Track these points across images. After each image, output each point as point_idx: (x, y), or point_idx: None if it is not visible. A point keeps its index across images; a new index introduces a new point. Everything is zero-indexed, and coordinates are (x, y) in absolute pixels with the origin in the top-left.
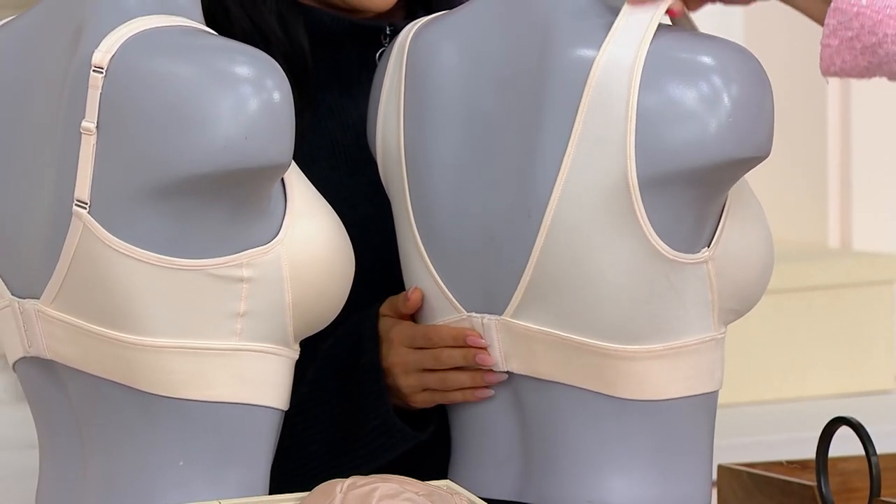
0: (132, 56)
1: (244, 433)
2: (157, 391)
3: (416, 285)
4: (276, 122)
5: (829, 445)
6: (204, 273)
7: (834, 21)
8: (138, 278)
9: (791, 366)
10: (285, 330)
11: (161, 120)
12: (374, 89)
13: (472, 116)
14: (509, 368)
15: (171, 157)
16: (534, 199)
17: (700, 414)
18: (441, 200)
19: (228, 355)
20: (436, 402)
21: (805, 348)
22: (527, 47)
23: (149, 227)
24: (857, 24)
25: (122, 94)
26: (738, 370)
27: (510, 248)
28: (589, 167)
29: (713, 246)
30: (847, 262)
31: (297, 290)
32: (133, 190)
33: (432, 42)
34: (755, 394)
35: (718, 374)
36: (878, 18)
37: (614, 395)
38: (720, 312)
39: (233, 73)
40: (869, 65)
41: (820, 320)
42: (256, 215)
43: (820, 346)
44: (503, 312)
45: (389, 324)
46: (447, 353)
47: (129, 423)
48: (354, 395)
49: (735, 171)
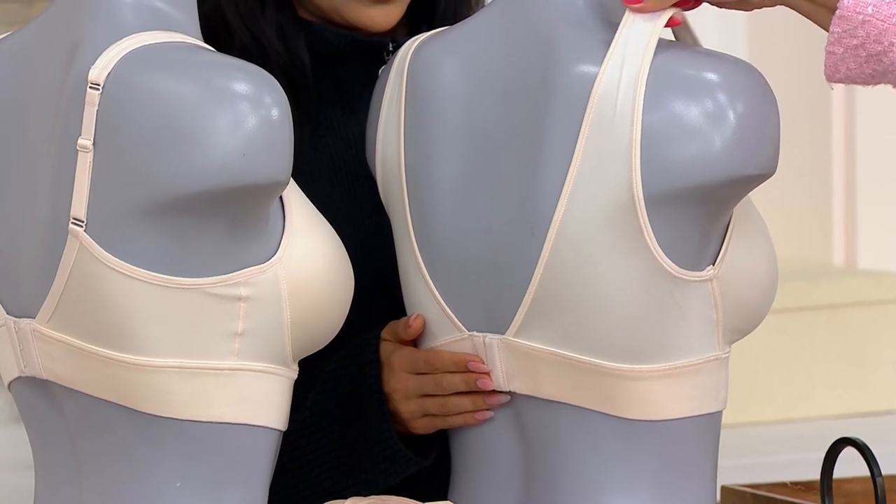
0: (129, 73)
1: (243, 454)
2: (155, 411)
3: (416, 304)
4: (274, 139)
5: (833, 466)
6: (201, 292)
7: (839, 29)
8: (135, 297)
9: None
10: (284, 349)
11: (158, 137)
12: (374, 106)
13: (473, 133)
14: (511, 389)
15: (169, 175)
16: (537, 216)
17: (704, 434)
18: (442, 218)
19: (227, 375)
20: (436, 428)
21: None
22: (529, 63)
23: (146, 245)
24: (862, 33)
25: (119, 111)
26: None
27: (513, 266)
28: (593, 184)
29: (718, 264)
30: (852, 281)
31: (295, 309)
32: (130, 208)
33: (433, 58)
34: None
35: (723, 394)
36: (884, 27)
37: (618, 416)
38: (724, 331)
39: (231, 89)
40: (874, 72)
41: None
42: (254, 233)
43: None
44: (506, 332)
45: (390, 348)
46: (448, 378)
47: (126, 443)
48: (357, 421)
49: (740, 188)
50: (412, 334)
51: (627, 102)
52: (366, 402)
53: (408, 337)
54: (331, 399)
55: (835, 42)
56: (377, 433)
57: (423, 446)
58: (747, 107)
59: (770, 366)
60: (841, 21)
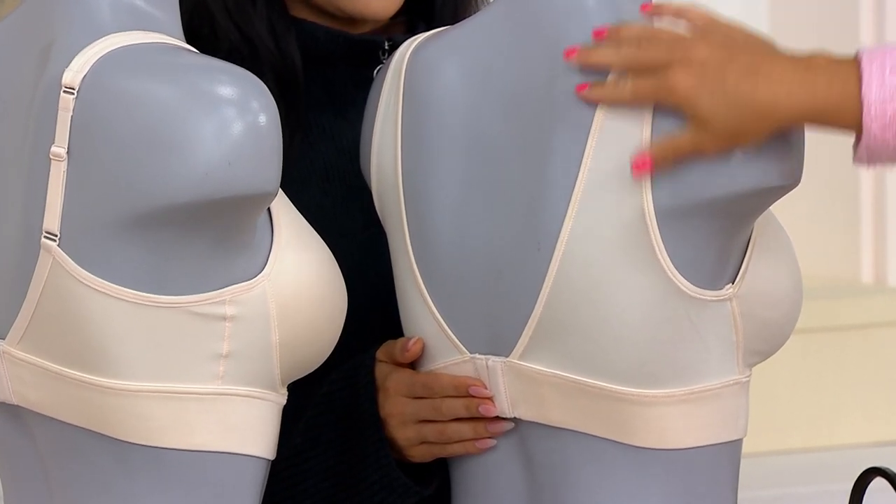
0: (106, 76)
1: (227, 484)
2: (133, 439)
3: (414, 323)
4: (261, 147)
5: (862, 498)
6: (184, 311)
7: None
8: (112, 316)
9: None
10: (272, 372)
11: (137, 145)
12: (369, 111)
13: (476, 141)
14: (516, 415)
15: (149, 186)
16: (544, 230)
17: (722, 464)
18: (442, 232)
19: (210, 400)
20: (434, 456)
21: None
22: (535, 66)
23: (124, 260)
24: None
25: (95, 116)
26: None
27: (518, 283)
28: (603, 197)
29: (738, 282)
30: (881, 299)
31: (284, 329)
32: (107, 221)
33: (433, 60)
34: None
35: (742, 421)
36: None
37: (630, 444)
38: (745, 354)
39: (215, 94)
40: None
41: (852, 362)
42: (240, 248)
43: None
44: (510, 354)
45: (386, 371)
46: (448, 403)
47: (103, 473)
48: (352, 447)
49: (761, 201)
50: (410, 358)
51: (636, 110)
52: (361, 428)
53: (405, 360)
54: (324, 424)
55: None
56: (374, 460)
57: (423, 475)
58: None
59: (794, 390)
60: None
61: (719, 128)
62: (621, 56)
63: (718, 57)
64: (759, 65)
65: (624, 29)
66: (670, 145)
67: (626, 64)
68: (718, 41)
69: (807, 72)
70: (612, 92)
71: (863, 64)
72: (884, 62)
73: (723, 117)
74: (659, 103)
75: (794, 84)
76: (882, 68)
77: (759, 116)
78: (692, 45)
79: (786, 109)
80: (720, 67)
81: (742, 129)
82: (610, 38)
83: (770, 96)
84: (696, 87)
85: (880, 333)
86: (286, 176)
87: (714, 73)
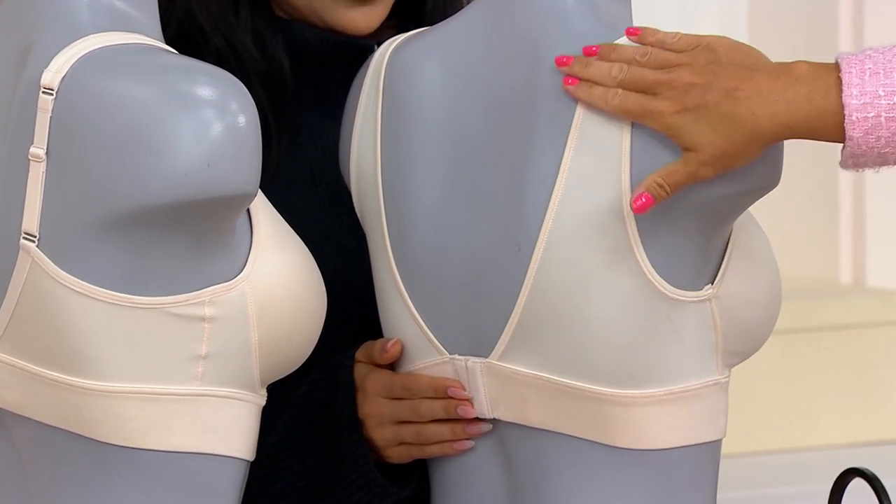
0: (85, 76)
1: (207, 486)
2: (112, 440)
3: (394, 324)
4: (241, 148)
5: (841, 499)
6: (163, 312)
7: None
8: (91, 318)
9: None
10: (251, 373)
11: (116, 146)
12: (348, 111)
13: (455, 141)
14: (496, 416)
15: (128, 187)
16: (523, 231)
17: (702, 465)
18: (422, 233)
19: (189, 401)
20: (412, 458)
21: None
22: (515, 66)
23: (103, 262)
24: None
25: (74, 117)
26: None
27: (498, 284)
28: (582, 197)
29: (717, 283)
30: (860, 300)
31: (263, 330)
32: (86, 222)
33: (412, 60)
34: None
35: (722, 422)
36: None
37: (609, 444)
38: (724, 355)
39: (194, 94)
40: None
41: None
42: (220, 249)
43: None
44: (489, 355)
45: (364, 371)
46: (426, 404)
47: (82, 475)
48: (331, 447)
49: (740, 202)
50: (388, 360)
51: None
52: (340, 428)
53: (383, 362)
54: (303, 424)
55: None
56: (352, 461)
57: (402, 475)
58: None
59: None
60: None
61: (709, 153)
62: (611, 76)
63: (701, 82)
64: (739, 86)
65: (616, 51)
66: (665, 179)
67: (616, 84)
68: (701, 64)
69: (786, 88)
70: (599, 97)
71: (842, 70)
72: (863, 67)
73: (710, 143)
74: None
75: (774, 99)
76: (862, 73)
77: (745, 137)
78: (678, 70)
79: (769, 127)
80: (702, 93)
81: (731, 152)
82: (602, 56)
83: (752, 117)
84: (680, 115)
85: (859, 334)
86: (273, 178)
87: (697, 98)
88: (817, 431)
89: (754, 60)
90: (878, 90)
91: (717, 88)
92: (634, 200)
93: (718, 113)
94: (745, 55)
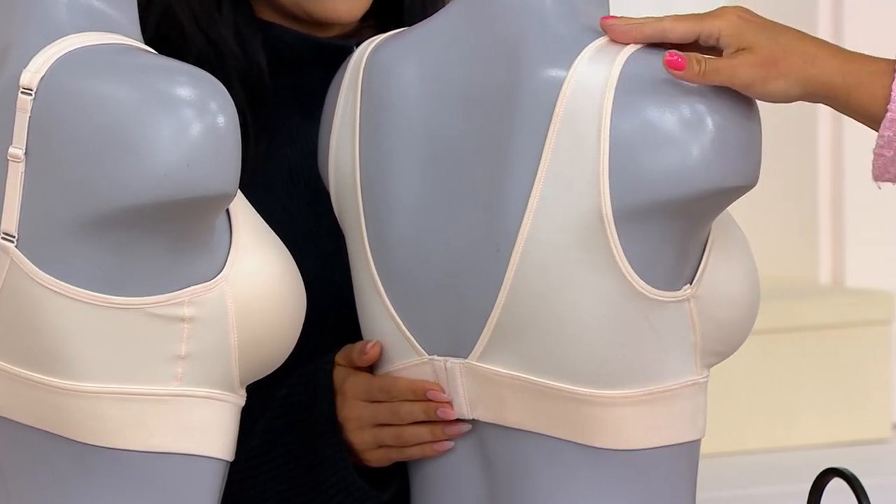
0: (64, 77)
1: (186, 486)
2: (91, 441)
3: (372, 325)
4: (220, 148)
5: (820, 499)
6: (142, 312)
7: (890, 132)
8: (70, 318)
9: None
10: (230, 374)
11: (95, 146)
12: (326, 112)
13: (434, 141)
14: (475, 416)
15: (107, 187)
16: (502, 231)
17: (681, 465)
18: (401, 233)
19: (169, 401)
20: (391, 460)
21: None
22: (493, 67)
23: (82, 262)
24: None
25: (53, 117)
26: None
27: (476, 285)
28: (560, 197)
29: (696, 283)
30: (839, 300)
31: (243, 331)
32: (65, 222)
33: (391, 61)
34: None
35: (701, 422)
36: None
37: (588, 445)
38: (703, 355)
39: (174, 94)
40: None
41: (810, 363)
42: (199, 249)
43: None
44: (468, 355)
45: (344, 374)
46: (406, 407)
47: (61, 474)
48: (310, 450)
49: (720, 201)
50: (367, 361)
51: (595, 108)
52: (319, 431)
53: (362, 364)
54: (282, 427)
55: (885, 145)
56: (331, 464)
57: (381, 479)
58: (727, 113)
59: (752, 391)
60: (893, 124)
61: (760, 55)
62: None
63: (770, 24)
64: (804, 34)
65: None
66: (705, 58)
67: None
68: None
69: (844, 54)
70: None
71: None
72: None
73: (766, 46)
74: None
75: (835, 51)
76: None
77: (801, 60)
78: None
79: (826, 62)
80: (771, 24)
81: (781, 65)
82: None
83: (814, 48)
84: (742, 21)
85: (838, 334)
86: (253, 179)
87: (764, 23)
88: (796, 431)
89: None
90: None
91: (784, 28)
92: (669, 55)
93: (786, 34)
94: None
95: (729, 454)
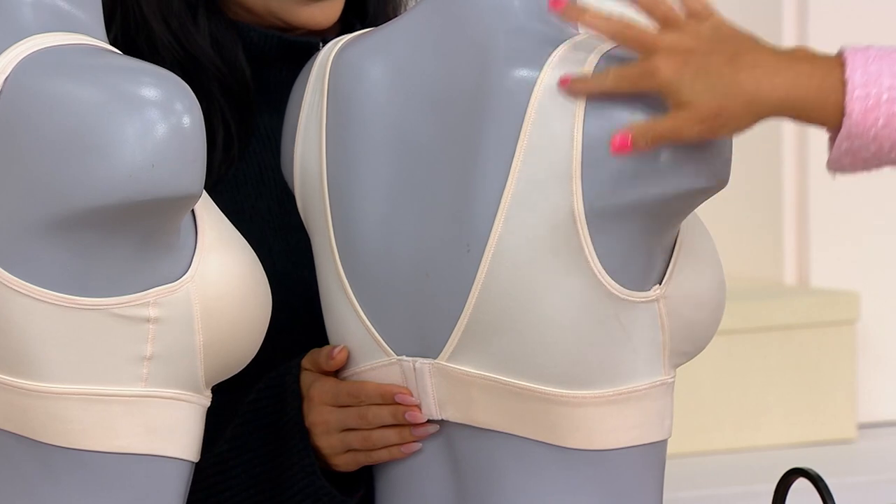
0: (28, 77)
1: (151, 487)
2: (56, 442)
3: (340, 326)
4: (185, 149)
5: (785, 498)
6: (107, 313)
7: (848, 143)
8: (34, 319)
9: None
10: (196, 374)
11: (60, 146)
12: (291, 113)
13: (403, 142)
14: (444, 416)
15: (71, 187)
16: (473, 231)
17: (649, 465)
18: (369, 234)
19: (134, 402)
20: (359, 465)
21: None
22: (463, 67)
23: (46, 262)
24: (874, 147)
25: (17, 118)
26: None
27: (447, 285)
28: (533, 198)
29: (665, 283)
30: (805, 300)
31: (208, 331)
32: (29, 222)
33: (357, 61)
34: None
35: (668, 422)
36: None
37: (558, 445)
38: (671, 355)
39: (138, 95)
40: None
41: (775, 363)
42: (164, 250)
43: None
44: (438, 356)
45: (310, 379)
46: (374, 411)
47: (26, 476)
48: (278, 456)
49: (690, 202)
50: (335, 366)
51: (567, 109)
52: (286, 437)
53: (329, 368)
54: (250, 432)
55: (843, 154)
56: (299, 469)
57: (349, 483)
58: None
59: (717, 391)
60: (851, 138)
61: (701, 111)
62: (611, 24)
63: (704, 46)
64: (743, 53)
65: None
66: (650, 127)
67: (616, 32)
68: (706, 32)
69: (790, 63)
70: (595, 83)
71: (846, 54)
72: (867, 54)
73: (705, 101)
74: (640, 89)
75: (778, 71)
76: (865, 59)
77: (742, 102)
78: (680, 33)
79: (768, 97)
80: (705, 55)
81: (724, 115)
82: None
83: (753, 82)
84: (678, 72)
85: (803, 334)
86: (222, 177)
87: (698, 59)
88: (762, 431)
89: (755, 39)
90: (881, 70)
91: (720, 53)
92: (615, 139)
93: (720, 74)
94: (746, 35)
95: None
